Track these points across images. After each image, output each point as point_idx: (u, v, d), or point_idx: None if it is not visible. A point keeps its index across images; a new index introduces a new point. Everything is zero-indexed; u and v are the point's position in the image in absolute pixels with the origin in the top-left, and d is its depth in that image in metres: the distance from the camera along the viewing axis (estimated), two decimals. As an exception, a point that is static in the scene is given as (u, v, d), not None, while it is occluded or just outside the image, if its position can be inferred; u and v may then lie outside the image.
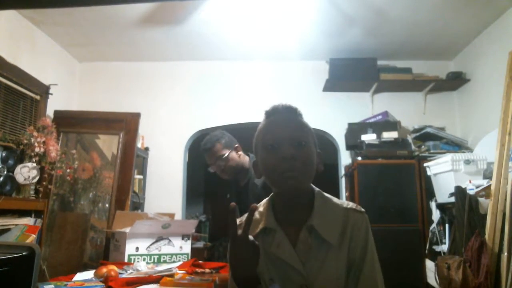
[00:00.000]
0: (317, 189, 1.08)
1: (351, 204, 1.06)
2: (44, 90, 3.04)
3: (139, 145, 3.16)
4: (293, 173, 0.98)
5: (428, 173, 2.89)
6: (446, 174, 2.65)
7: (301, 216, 1.02)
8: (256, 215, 1.08)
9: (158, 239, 2.35)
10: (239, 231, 0.94)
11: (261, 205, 1.11)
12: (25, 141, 2.45)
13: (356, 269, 0.99)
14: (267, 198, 1.11)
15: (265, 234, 1.04)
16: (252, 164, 1.13)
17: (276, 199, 1.08)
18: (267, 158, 1.03)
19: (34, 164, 2.45)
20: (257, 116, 4.08)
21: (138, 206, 3.24)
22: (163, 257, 2.35)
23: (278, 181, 1.01)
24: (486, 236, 2.08)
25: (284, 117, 1.09)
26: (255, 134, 1.13)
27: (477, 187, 2.28)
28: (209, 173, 2.53)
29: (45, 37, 3.14)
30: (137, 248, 2.27)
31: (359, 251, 1.00)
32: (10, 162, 2.35)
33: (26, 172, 2.39)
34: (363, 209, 1.06)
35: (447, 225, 2.57)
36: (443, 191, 2.65)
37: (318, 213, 1.02)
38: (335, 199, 1.08)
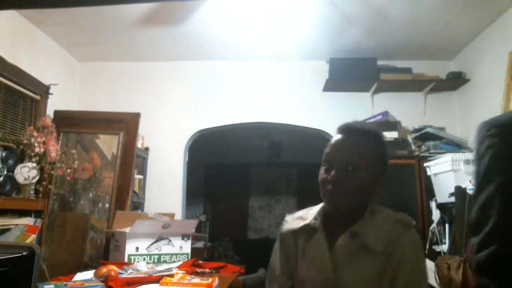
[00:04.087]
0: (373, 205, 1.08)
1: (400, 216, 1.06)
2: (44, 90, 3.04)
3: (139, 145, 3.16)
4: (334, 197, 1.02)
5: (428, 173, 2.89)
6: (446, 174, 2.65)
7: (348, 224, 1.04)
8: (307, 212, 1.14)
9: (158, 239, 2.35)
10: None
11: (317, 206, 1.15)
12: (25, 141, 2.45)
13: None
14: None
15: (307, 232, 1.09)
16: None
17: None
18: (320, 173, 1.07)
19: (34, 164, 2.45)
20: (257, 116, 4.09)
21: (138, 206, 3.24)
22: (163, 257, 2.35)
23: (323, 198, 1.07)
24: (486, 236, 2.07)
25: (347, 140, 1.08)
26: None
27: (477, 187, 2.28)
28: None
29: (45, 37, 3.14)
30: (137, 248, 2.28)
31: (399, 270, 0.98)
32: (10, 162, 2.35)
33: (26, 172, 2.39)
34: (412, 222, 1.04)
35: (447, 225, 2.57)
36: (443, 191, 2.65)
37: (365, 221, 1.03)
38: (386, 211, 1.08)
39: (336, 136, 1.11)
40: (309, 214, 1.13)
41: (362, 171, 1.02)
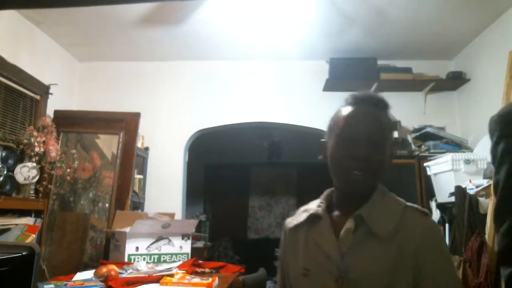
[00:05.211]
0: (381, 185, 1.01)
1: (412, 204, 0.99)
2: (44, 90, 3.04)
3: (139, 145, 3.16)
4: (361, 175, 0.94)
5: (428, 172, 2.89)
6: (446, 173, 2.65)
7: (355, 208, 0.97)
8: (312, 203, 1.08)
9: (158, 238, 2.35)
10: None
11: (321, 197, 1.08)
12: (25, 141, 2.45)
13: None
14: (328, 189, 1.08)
15: (312, 222, 1.02)
16: (320, 142, 1.05)
17: (335, 190, 1.05)
18: (338, 150, 0.97)
19: (34, 164, 2.45)
20: (257, 116, 4.07)
21: (138, 206, 3.24)
22: (163, 257, 2.35)
23: (343, 178, 0.97)
24: (486, 236, 2.08)
25: (367, 111, 0.99)
26: (334, 114, 1.05)
27: (477, 187, 2.28)
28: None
29: (45, 37, 3.14)
30: (137, 248, 2.28)
31: (419, 259, 0.90)
32: (10, 161, 2.35)
33: (26, 172, 2.39)
34: (426, 211, 0.98)
35: (447, 225, 2.57)
36: (443, 191, 2.65)
37: (372, 204, 0.96)
38: (397, 197, 1.01)
39: (348, 108, 1.01)
40: (313, 204, 1.07)
41: (385, 145, 0.96)
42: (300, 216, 1.07)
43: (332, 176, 1.00)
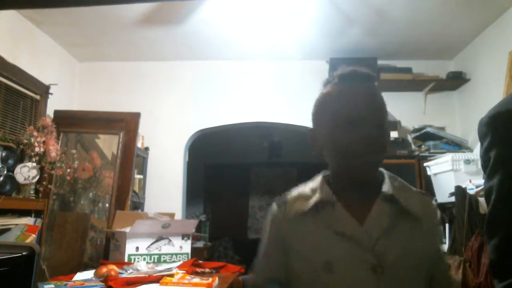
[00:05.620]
0: (385, 170, 0.95)
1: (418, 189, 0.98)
2: (44, 90, 3.05)
3: (139, 145, 3.16)
4: (372, 158, 0.85)
5: (428, 173, 2.89)
6: (446, 173, 2.65)
7: (367, 191, 0.88)
8: (306, 190, 0.94)
9: (158, 239, 2.35)
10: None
11: (312, 181, 0.96)
12: (25, 141, 2.45)
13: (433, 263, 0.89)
14: (320, 175, 0.97)
15: (319, 211, 0.89)
16: (309, 133, 0.95)
17: (335, 176, 0.93)
18: (340, 136, 0.86)
19: (34, 164, 2.45)
20: (257, 116, 4.06)
21: (138, 206, 3.24)
22: (163, 257, 2.35)
23: (351, 165, 0.86)
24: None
25: (360, 89, 0.89)
26: (320, 98, 0.95)
27: (477, 187, 2.28)
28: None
29: (45, 37, 3.14)
30: (137, 248, 2.28)
31: (435, 240, 0.91)
32: (10, 162, 2.35)
33: (26, 172, 2.39)
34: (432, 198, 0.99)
35: (447, 225, 2.57)
36: (443, 191, 2.65)
37: (392, 185, 0.89)
38: (404, 181, 0.96)
39: (337, 88, 0.92)
40: (306, 188, 0.94)
41: (385, 120, 0.89)
42: (300, 204, 0.92)
43: (334, 164, 0.91)
